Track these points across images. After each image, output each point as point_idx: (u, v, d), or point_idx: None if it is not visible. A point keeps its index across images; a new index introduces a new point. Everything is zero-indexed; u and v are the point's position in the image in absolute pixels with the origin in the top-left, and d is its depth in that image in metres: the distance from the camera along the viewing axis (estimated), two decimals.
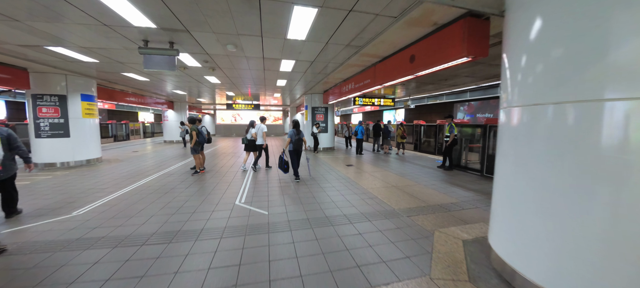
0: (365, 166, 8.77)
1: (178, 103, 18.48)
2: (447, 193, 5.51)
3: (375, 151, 13.06)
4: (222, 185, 6.05)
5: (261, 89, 12.05)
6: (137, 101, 14.43)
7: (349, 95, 8.67)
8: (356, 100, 12.94)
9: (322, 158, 10.60)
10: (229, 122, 27.23)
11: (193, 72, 8.20)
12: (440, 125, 11.84)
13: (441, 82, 9.23)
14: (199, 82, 10.03)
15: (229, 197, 5.12)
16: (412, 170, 8.18)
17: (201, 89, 12.56)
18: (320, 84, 10.23)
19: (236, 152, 12.49)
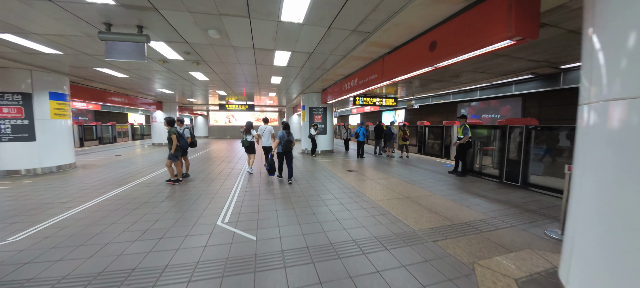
0: (369, 172, 7.91)
1: (167, 103, 17.47)
2: (470, 206, 4.67)
3: (377, 154, 12.23)
4: (205, 197, 5.12)
5: (255, 88, 11.15)
6: (123, 101, 13.41)
7: (351, 94, 7.82)
8: (357, 100, 12.11)
9: (321, 162, 9.73)
10: (223, 123, 26.23)
11: (176, 67, 7.27)
12: (447, 126, 11.06)
13: (451, 79, 8.45)
14: (185, 79, 9.09)
15: (211, 213, 4.21)
16: (421, 176, 7.35)
17: (190, 88, 11.61)
18: (318, 82, 9.37)
19: (229, 155, 11.56)
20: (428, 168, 8.61)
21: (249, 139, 7.25)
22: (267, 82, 9.50)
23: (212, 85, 10.46)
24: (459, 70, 7.22)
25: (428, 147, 12.43)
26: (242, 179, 6.84)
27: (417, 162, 9.94)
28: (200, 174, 7.43)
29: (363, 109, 23.22)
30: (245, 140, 7.24)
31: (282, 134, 6.09)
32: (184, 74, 8.11)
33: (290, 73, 7.92)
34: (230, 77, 8.67)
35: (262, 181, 6.60)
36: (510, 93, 9.80)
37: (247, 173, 7.51)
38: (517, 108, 12.10)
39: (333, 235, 3.45)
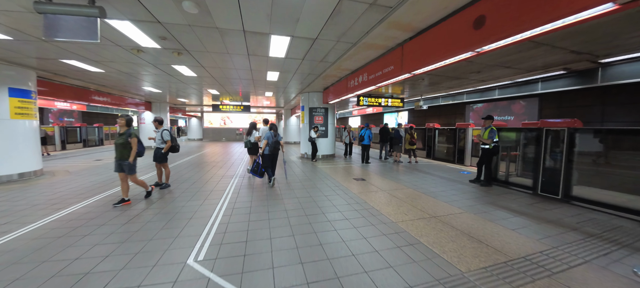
0: (378, 180, 6.90)
1: (157, 103, 16.36)
2: (517, 229, 3.68)
3: (383, 159, 11.24)
4: (180, 218, 4.07)
5: (250, 86, 10.13)
6: (107, 101, 12.32)
7: (359, 92, 6.83)
8: (360, 100, 11.14)
9: (323, 169, 8.70)
10: (218, 125, 25.11)
11: (155, 59, 6.23)
12: (460, 128, 10.11)
13: (469, 75, 7.50)
14: (170, 75, 8.05)
15: (183, 245, 3.16)
16: (439, 186, 6.36)
17: (179, 87, 10.56)
18: (319, 80, 8.38)
19: (221, 160, 10.49)
20: (443, 176, 7.63)
21: (252, 140, 7.11)
22: (263, 78, 8.48)
23: (202, 82, 9.42)
24: (483, 64, 6.27)
25: (438, 151, 11.45)
26: (231, 190, 5.80)
27: (428, 168, 8.95)
28: (184, 184, 6.36)
29: (365, 110, 22.27)
30: (247, 141, 7.14)
31: (269, 135, 5.79)
32: (166, 68, 7.07)
33: (289, 67, 6.92)
34: (220, 72, 7.64)
35: (254, 193, 5.56)
36: (535, 91, 8.87)
37: (242, 179, 6.48)
38: (531, 109, 11.20)
39: (349, 281, 2.42)
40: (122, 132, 4.49)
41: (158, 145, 5.80)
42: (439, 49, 3.73)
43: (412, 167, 9.20)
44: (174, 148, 5.90)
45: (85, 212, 4.29)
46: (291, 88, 10.48)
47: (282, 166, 7.53)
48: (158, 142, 5.80)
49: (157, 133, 5.81)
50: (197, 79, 8.64)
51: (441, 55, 3.70)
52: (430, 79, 8.00)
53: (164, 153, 5.78)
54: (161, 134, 5.73)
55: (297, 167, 8.94)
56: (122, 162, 4.49)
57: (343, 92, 7.94)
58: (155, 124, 5.83)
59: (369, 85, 6.07)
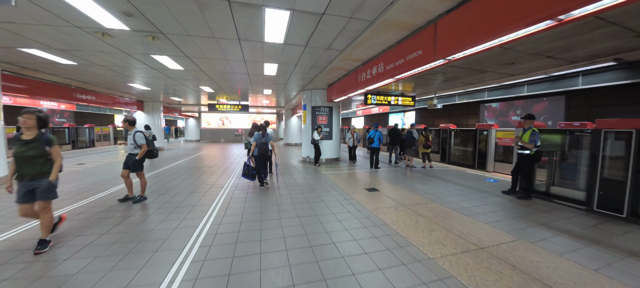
0: (394, 191, 5.85)
1: (149, 103, 15.38)
2: (600, 269, 2.62)
3: (393, 163, 10.18)
4: (142, 249, 3.03)
5: (246, 83, 9.11)
6: (94, 100, 11.35)
7: (373, 85, 5.77)
8: (368, 99, 10.09)
9: (328, 175, 7.65)
10: (216, 126, 24.13)
11: (128, 46, 5.22)
12: (481, 129, 9.04)
13: (500, 67, 6.44)
14: (152, 68, 7.04)
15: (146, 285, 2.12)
16: (468, 198, 5.32)
17: (169, 84, 9.56)
18: (324, 74, 7.35)
19: (215, 165, 9.48)
20: (467, 185, 6.59)
21: (252, 141, 6.51)
22: (259, 72, 7.46)
23: (193, 78, 8.41)
24: (524, 52, 5.21)
25: (453, 154, 10.38)
26: (219, 204, 4.76)
27: (446, 175, 7.89)
28: (163, 196, 5.34)
29: (370, 110, 21.21)
30: (248, 142, 6.79)
31: (257, 136, 5.67)
32: (145, 59, 6.05)
33: (289, 57, 5.89)
34: (209, 65, 6.62)
35: (246, 208, 4.52)
36: (575, 87, 7.79)
37: (234, 189, 5.45)
38: (555, 108, 10.10)
39: None
40: (29, 138, 2.84)
41: (130, 150, 4.77)
42: (495, 20, 2.69)
43: (428, 173, 8.14)
44: (151, 153, 4.87)
45: (28, 236, 3.26)
46: (292, 84, 9.46)
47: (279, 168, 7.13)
48: (130, 147, 4.77)
49: (129, 136, 4.79)
50: (185, 73, 7.63)
51: (500, 28, 2.66)
52: (452, 72, 6.94)
53: (138, 161, 4.76)
54: (134, 137, 4.70)
55: (299, 174, 7.89)
56: (37, 182, 2.87)
57: (351, 88, 6.89)
58: (126, 124, 4.78)
59: (385, 77, 5.01)
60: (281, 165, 9.54)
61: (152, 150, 4.91)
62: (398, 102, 10.78)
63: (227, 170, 8.37)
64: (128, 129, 4.78)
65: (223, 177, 7.26)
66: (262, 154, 5.77)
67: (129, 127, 4.79)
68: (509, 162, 8.26)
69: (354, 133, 10.09)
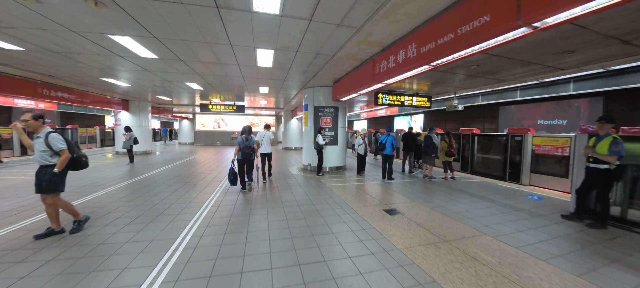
0: (424, 215, 4.49)
1: (135, 102, 14.03)
2: None
3: (407, 173, 8.84)
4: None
5: (237, 78, 7.79)
6: (68, 98, 10.02)
7: (396, 77, 4.43)
8: (380, 99, 8.79)
9: (334, 188, 6.29)
10: (211, 128, 22.79)
11: (73, 20, 3.90)
12: (513, 134, 7.71)
13: (560, 56, 5.13)
14: (120, 55, 5.73)
15: None
16: (523, 226, 3.99)
17: (149, 79, 8.23)
18: (330, 66, 6.05)
19: (204, 172, 8.11)
20: (509, 203, 5.28)
21: (251, 145, 6.08)
22: (252, 62, 6.13)
23: (174, 71, 7.09)
24: (599, 32, 3.90)
25: (477, 163, 9.04)
26: (189, 235, 3.40)
27: (475, 189, 6.54)
28: (121, 219, 3.98)
29: (375, 113, 19.90)
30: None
31: (240, 140, 5.64)
32: (104, 40, 4.73)
33: (288, 39, 4.57)
34: (187, 51, 5.30)
35: (224, 242, 3.15)
36: (634, 85, 6.47)
37: (216, 209, 4.09)
38: (592, 110, 8.79)
39: None
40: None
41: (44, 160, 3.22)
42: None
43: (453, 186, 6.79)
44: (77, 162, 3.46)
45: None
46: (292, 80, 8.13)
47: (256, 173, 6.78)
48: (42, 157, 3.21)
49: (37, 140, 3.22)
50: (163, 64, 6.30)
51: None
52: (489, 64, 5.62)
53: (58, 175, 3.25)
54: (46, 141, 3.20)
55: (298, 186, 6.52)
56: None
57: (365, 82, 5.54)
58: (31, 122, 3.21)
59: (417, 63, 3.68)
60: (278, 174, 8.18)
61: (78, 158, 3.47)
62: (412, 102, 9.50)
63: (214, 180, 7.01)
64: (32, 129, 3.26)
65: (206, 191, 5.89)
66: (245, 158, 5.63)
67: (35, 127, 3.23)
68: (551, 174, 6.92)
69: (365, 137, 8.68)
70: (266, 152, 6.90)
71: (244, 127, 5.70)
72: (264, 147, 6.86)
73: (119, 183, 6.58)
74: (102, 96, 11.98)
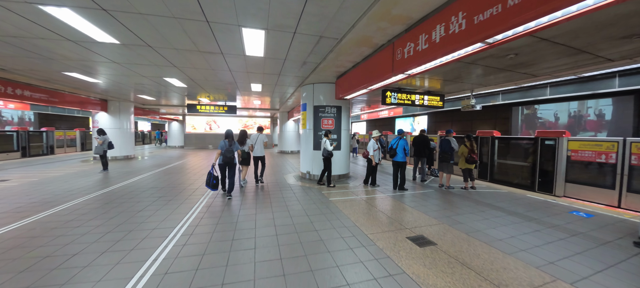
0: (464, 246, 3.40)
1: (115, 102, 12.73)
2: None
3: (420, 181, 7.78)
4: None
5: (223, 72, 6.65)
6: (29, 96, 8.73)
7: (427, 64, 3.34)
8: (388, 97, 7.74)
9: (340, 205, 5.16)
10: (203, 130, 21.50)
11: None
12: (544, 138, 6.70)
13: (618, 42, 4.15)
14: (70, 40, 4.54)
15: None
16: (595, 259, 3.00)
17: (119, 73, 7.04)
18: (335, 55, 4.96)
19: (187, 181, 6.92)
20: (556, 223, 4.29)
21: (246, 150, 6.52)
22: (238, 50, 5.00)
23: (147, 63, 5.92)
24: None
25: (498, 170, 8.01)
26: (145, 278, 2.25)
27: (506, 202, 5.50)
28: (33, 269, 2.79)
29: (378, 114, 18.88)
30: (242, 151, 6.49)
31: (222, 144, 5.42)
32: (33, 13, 3.55)
33: (282, 13, 3.45)
34: (153, 33, 4.15)
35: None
36: None
37: (189, 237, 2.93)
38: (620, 111, 7.85)
39: None
40: None
41: None
42: None
43: (478, 199, 5.73)
44: None
45: None
46: (288, 74, 7.00)
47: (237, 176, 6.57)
48: None
49: None
50: (125, 51, 5.13)
51: None
52: (534, 52, 4.57)
53: None
54: None
55: (296, 202, 5.37)
56: None
57: (381, 74, 4.44)
58: None
59: (465, 42, 2.60)
60: (273, 183, 7.03)
61: None
62: (424, 101, 8.45)
63: (195, 194, 5.82)
64: None
65: (180, 210, 4.71)
66: (227, 163, 5.46)
67: None
68: (592, 185, 5.91)
69: (379, 138, 7.02)
70: (259, 155, 6.73)
71: (227, 131, 5.58)
72: (257, 150, 6.70)
73: (79, 198, 5.36)
74: (75, 95, 10.69)
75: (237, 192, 6.17)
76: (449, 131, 7.12)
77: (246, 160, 6.54)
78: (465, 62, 5.27)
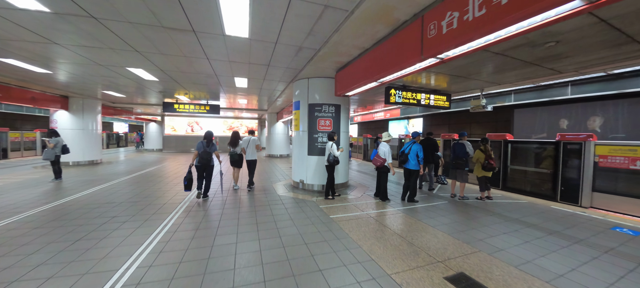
0: (512, 286, 2.47)
1: (77, 99, 11.12)
2: None
3: (428, 190, 6.92)
4: None
5: (200, 62, 5.50)
6: None
7: (485, 37, 2.40)
8: (392, 96, 6.87)
9: (345, 226, 4.13)
10: (184, 132, 19.88)
11: None
12: (565, 142, 6.00)
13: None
14: None
15: None
16: None
17: (67, 59, 5.72)
18: (338, 38, 3.97)
19: (157, 194, 5.65)
20: (604, 244, 3.51)
21: (238, 152, 6.42)
22: (216, 27, 3.90)
23: (102, 47, 4.69)
24: None
25: (512, 177, 7.27)
26: None
27: (532, 216, 4.70)
28: None
29: (372, 116, 18.09)
30: (234, 152, 6.39)
31: (200, 145, 5.32)
32: None
33: None
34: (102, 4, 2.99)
35: None
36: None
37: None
38: (629, 116, 7.36)
39: None
40: None
41: None
42: None
43: (501, 213, 4.89)
44: None
45: None
46: (279, 65, 5.92)
47: (217, 179, 6.85)
48: None
49: None
50: (63, 24, 3.90)
51: None
52: (580, 39, 3.78)
53: None
54: None
55: (290, 223, 4.29)
56: None
57: (402, 61, 3.45)
58: None
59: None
60: (260, 194, 5.91)
61: None
62: (430, 101, 7.65)
63: (161, 211, 4.59)
64: None
65: (137, 235, 3.51)
66: (203, 164, 5.35)
67: None
68: (625, 195, 5.22)
69: (376, 141, 5.81)
70: (252, 159, 6.60)
71: (207, 133, 5.44)
72: (250, 154, 6.58)
73: (12, 216, 4.02)
74: (24, 90, 9.09)
75: (217, 206, 5.01)
76: (462, 134, 6.29)
77: (238, 161, 6.45)
78: (492, 51, 4.44)
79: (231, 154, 6.40)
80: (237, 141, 6.37)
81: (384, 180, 5.72)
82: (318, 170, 6.55)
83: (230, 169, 9.86)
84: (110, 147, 23.62)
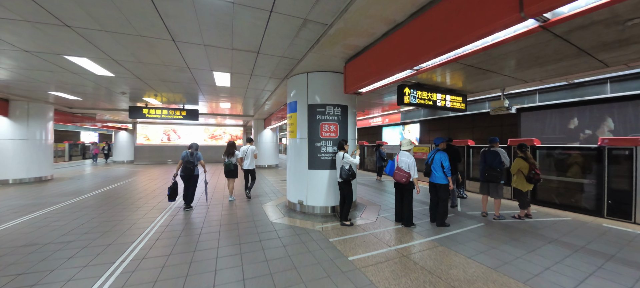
0: None
1: (22, 104, 9.18)
2: None
3: (451, 206, 5.82)
4: None
5: (162, 47, 4.13)
6: None
7: None
8: (406, 95, 5.79)
9: (378, 282, 2.85)
10: (159, 141, 17.84)
11: None
12: (610, 147, 5.11)
13: None
14: None
15: None
16: None
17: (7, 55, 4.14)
18: (361, 3, 2.76)
19: (110, 229, 4.08)
20: None
21: (234, 162, 6.33)
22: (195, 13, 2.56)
23: (44, 35, 3.20)
24: None
25: (543, 188, 6.31)
26: None
27: (589, 237, 3.64)
28: None
29: (369, 122, 17.07)
30: (230, 162, 6.25)
31: (185, 154, 5.35)
32: None
33: None
34: None
35: None
36: None
37: None
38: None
39: None
40: None
41: None
42: None
43: (559, 239, 3.82)
44: None
45: None
46: (271, 53, 4.63)
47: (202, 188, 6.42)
48: None
49: None
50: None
51: None
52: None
53: None
54: None
55: (291, 277, 2.94)
56: None
57: (478, 26, 2.27)
58: None
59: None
60: (247, 222, 4.49)
61: None
62: (446, 102, 6.65)
63: (109, 251, 3.09)
64: None
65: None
66: (187, 174, 5.29)
67: None
68: None
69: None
70: (249, 168, 6.59)
71: (192, 144, 5.50)
72: (248, 163, 6.58)
73: None
74: None
75: (191, 243, 3.56)
76: (493, 140, 5.25)
77: (233, 172, 6.33)
78: (554, 32, 3.41)
79: (226, 164, 6.25)
80: (232, 151, 6.29)
81: (408, 200, 4.47)
82: (321, 187, 5.24)
83: (214, 178, 8.55)
84: (73, 159, 21.01)
